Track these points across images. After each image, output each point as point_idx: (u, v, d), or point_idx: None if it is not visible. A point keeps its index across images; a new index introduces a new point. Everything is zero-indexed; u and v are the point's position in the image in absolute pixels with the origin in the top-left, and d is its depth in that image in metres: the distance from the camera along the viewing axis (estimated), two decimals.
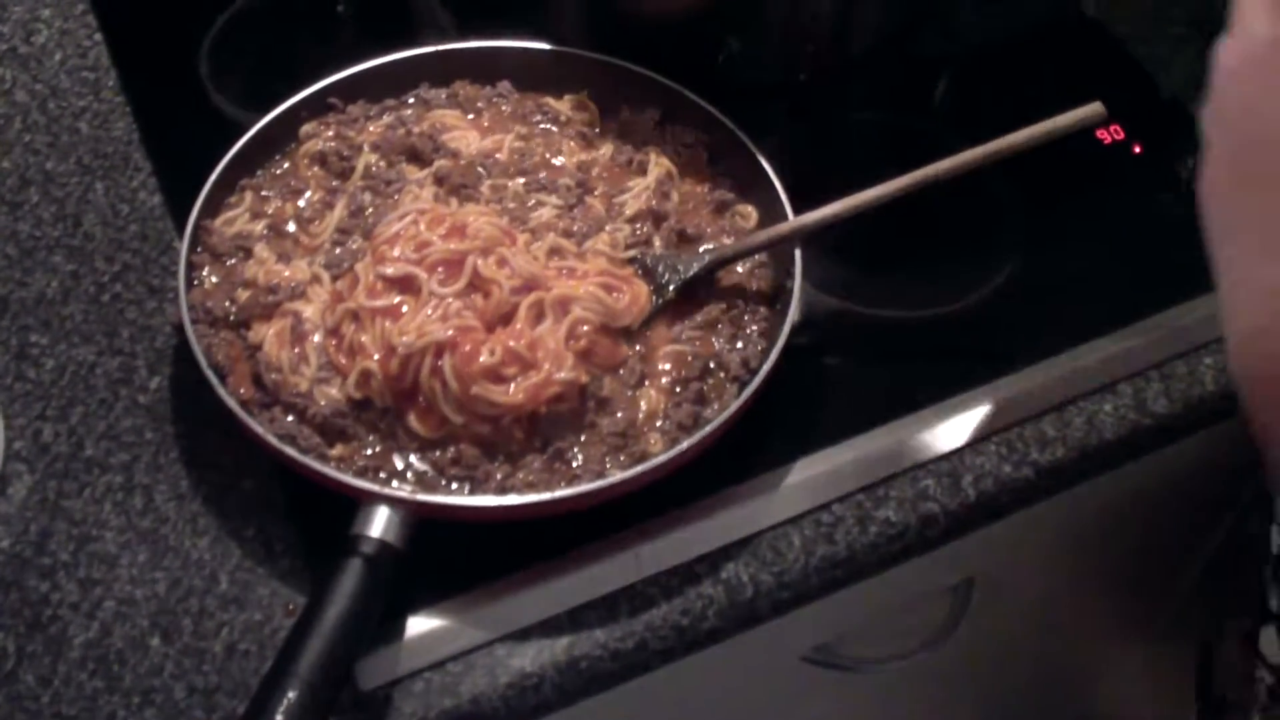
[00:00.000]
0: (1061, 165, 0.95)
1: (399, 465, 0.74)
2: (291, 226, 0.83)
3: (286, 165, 0.87)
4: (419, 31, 1.01)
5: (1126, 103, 1.00)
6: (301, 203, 0.84)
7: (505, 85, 0.91)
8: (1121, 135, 0.98)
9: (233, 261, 0.81)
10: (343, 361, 0.76)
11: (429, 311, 0.75)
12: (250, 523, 0.76)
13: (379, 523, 0.69)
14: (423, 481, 0.73)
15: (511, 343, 0.74)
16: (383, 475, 0.73)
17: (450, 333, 0.73)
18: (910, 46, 1.04)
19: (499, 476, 0.73)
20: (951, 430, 0.82)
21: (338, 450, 0.74)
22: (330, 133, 0.87)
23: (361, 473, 0.73)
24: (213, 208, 0.83)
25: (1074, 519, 0.94)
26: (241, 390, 0.75)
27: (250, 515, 0.76)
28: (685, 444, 0.72)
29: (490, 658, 0.72)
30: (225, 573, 0.74)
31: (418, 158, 0.87)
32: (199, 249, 0.81)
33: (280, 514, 0.76)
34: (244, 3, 1.03)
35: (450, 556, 0.73)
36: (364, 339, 0.75)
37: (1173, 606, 1.22)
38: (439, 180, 0.85)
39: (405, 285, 0.76)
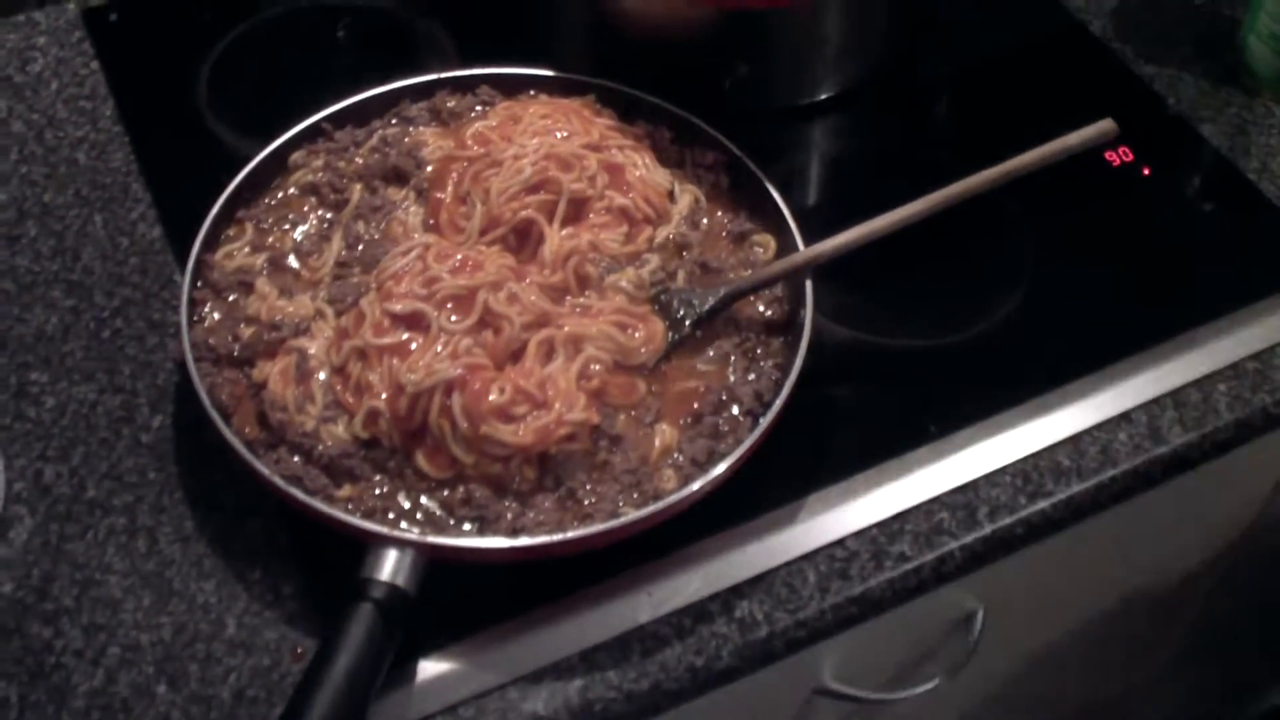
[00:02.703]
0: (1071, 188, 0.94)
1: (407, 505, 0.73)
2: (292, 260, 0.82)
3: (280, 195, 0.86)
4: (420, 58, 1.00)
5: (1134, 123, 0.99)
6: (298, 235, 0.83)
7: (485, 90, 0.90)
8: (1130, 157, 0.97)
9: (234, 297, 0.80)
10: (350, 400, 0.74)
11: (438, 349, 0.73)
12: (256, 565, 0.75)
13: (388, 566, 0.68)
14: (432, 522, 0.72)
15: (522, 381, 0.73)
16: (391, 516, 0.72)
17: (459, 371, 0.72)
18: (912, 68, 1.03)
19: (509, 516, 0.72)
20: (965, 462, 0.81)
21: (345, 491, 0.73)
22: (319, 162, 0.86)
23: (369, 514, 0.71)
24: (212, 241, 0.82)
25: (1088, 547, 0.93)
26: (246, 430, 0.74)
27: (256, 557, 0.75)
28: (699, 483, 0.71)
29: (503, 701, 0.71)
30: (232, 617, 0.73)
31: (401, 177, 0.86)
32: (200, 284, 0.80)
33: (287, 556, 0.75)
34: (242, 29, 1.02)
35: (461, 598, 0.72)
36: (371, 377, 0.74)
37: (1183, 636, 1.21)
38: (419, 194, 0.84)
39: (413, 322, 0.75)
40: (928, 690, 0.94)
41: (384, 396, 0.73)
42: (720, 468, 0.72)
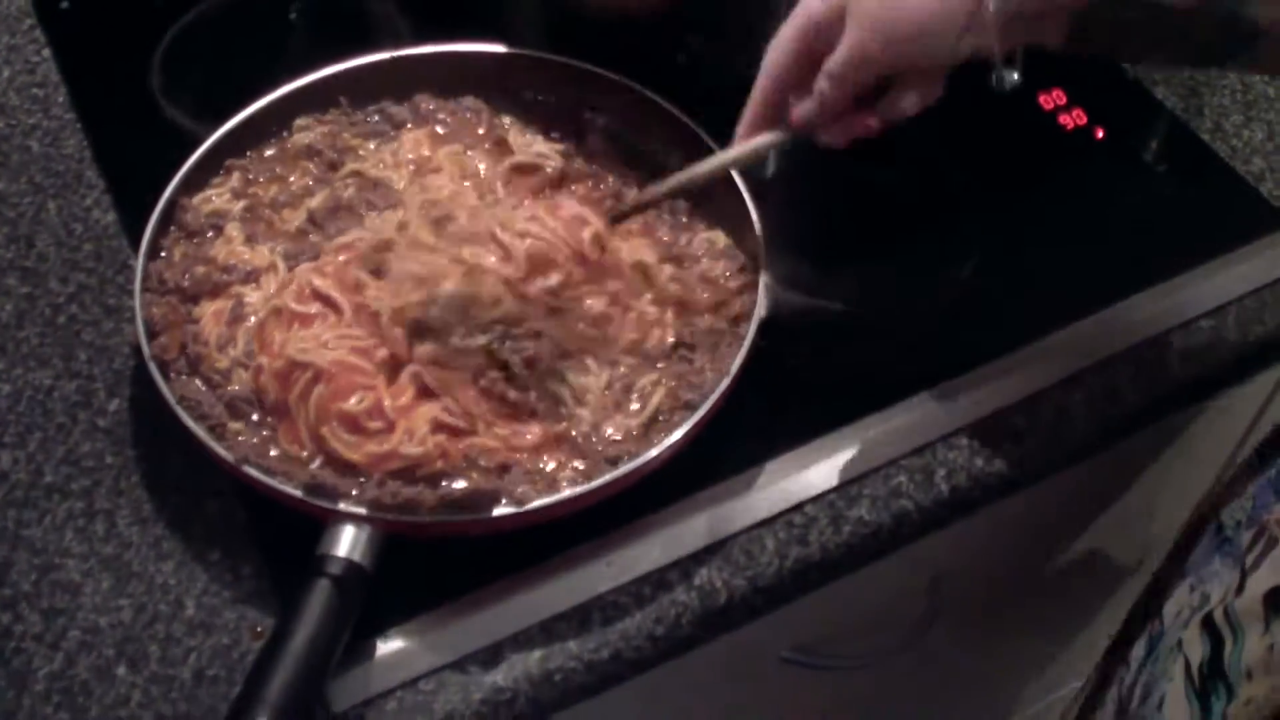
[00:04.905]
0: (1025, 153, 0.95)
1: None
2: (268, 210, 0.83)
3: (273, 151, 0.86)
4: (374, 37, 0.99)
5: (1089, 87, 1.00)
6: (282, 187, 0.84)
7: (470, 100, 0.90)
8: (1084, 120, 0.97)
9: (199, 239, 0.81)
10: (258, 352, 0.75)
11: (337, 332, 0.74)
12: (215, 545, 0.75)
13: (345, 542, 0.68)
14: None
15: (387, 401, 0.72)
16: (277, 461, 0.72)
17: (330, 362, 0.73)
18: None
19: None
20: (922, 426, 0.81)
21: (235, 426, 0.73)
22: (324, 129, 0.87)
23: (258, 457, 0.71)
24: (195, 187, 0.83)
25: (1046, 507, 0.94)
26: (166, 352, 0.75)
27: (215, 537, 0.75)
28: (655, 451, 0.72)
29: (463, 674, 0.71)
30: (191, 597, 0.73)
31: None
32: (172, 227, 0.81)
33: (246, 535, 0.75)
34: (194, 14, 1.01)
35: (419, 572, 0.72)
36: (277, 335, 0.75)
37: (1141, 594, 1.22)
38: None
39: (329, 303, 0.76)
40: (891, 655, 0.94)
41: (274, 355, 0.74)
42: (676, 434, 0.72)
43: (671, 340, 0.79)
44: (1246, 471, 0.83)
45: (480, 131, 0.89)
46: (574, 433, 0.74)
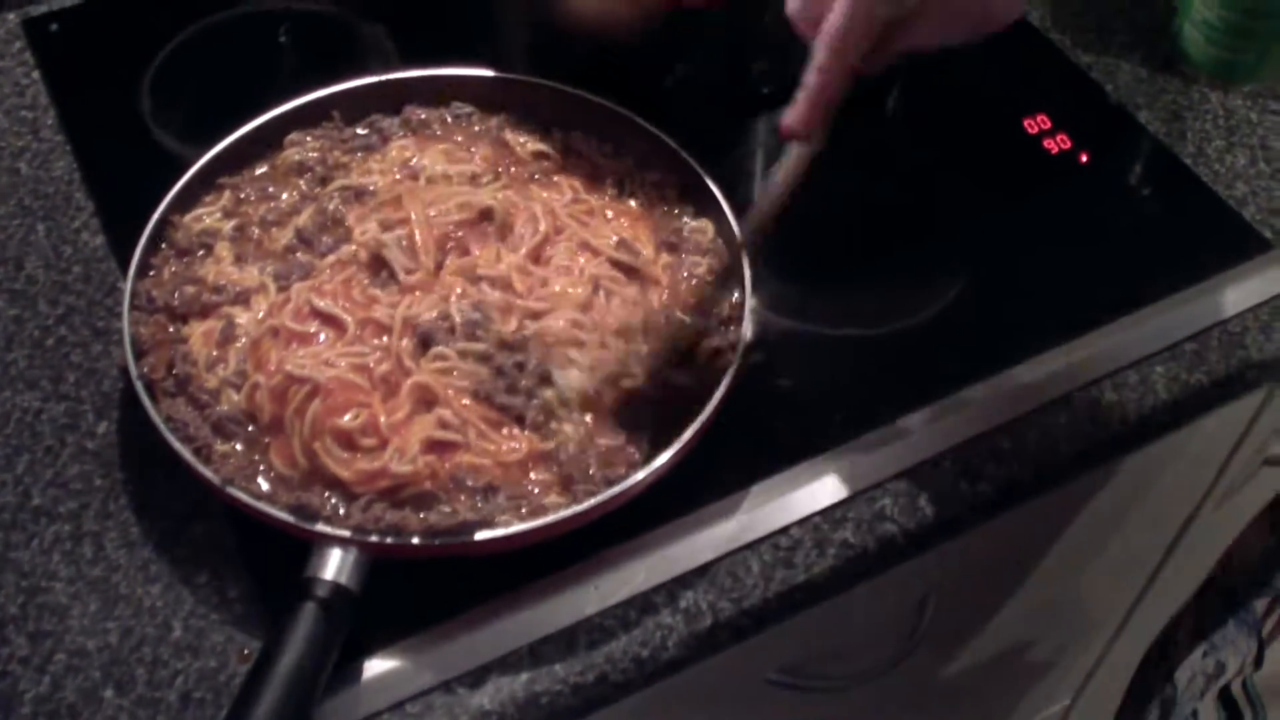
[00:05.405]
0: (1009, 177, 0.95)
1: (266, 486, 0.73)
2: (256, 229, 0.83)
3: (265, 169, 0.87)
4: (363, 61, 1.00)
5: (1072, 111, 1.00)
6: (272, 206, 0.84)
7: (457, 105, 0.91)
8: (1068, 144, 0.98)
9: (189, 258, 0.81)
10: (251, 371, 0.75)
11: (335, 350, 0.74)
12: (202, 568, 0.75)
13: (332, 565, 0.68)
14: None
15: (382, 418, 0.72)
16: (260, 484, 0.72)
17: (327, 378, 0.73)
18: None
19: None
20: (906, 449, 0.81)
21: (223, 447, 0.73)
22: (315, 144, 0.87)
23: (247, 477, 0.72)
24: (187, 205, 0.83)
25: (1031, 530, 0.94)
26: (154, 372, 0.75)
27: (202, 560, 0.75)
28: (644, 472, 0.72)
29: (450, 697, 0.71)
30: (178, 620, 0.73)
31: None
32: (163, 244, 0.81)
33: (233, 558, 0.75)
34: (183, 37, 1.01)
35: (406, 594, 0.73)
36: (273, 355, 0.75)
37: (1124, 618, 1.23)
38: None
39: (330, 321, 0.76)
40: (877, 676, 0.95)
41: (271, 373, 0.74)
42: (660, 461, 0.72)
43: (661, 324, 0.79)
44: (1259, 529, 0.83)
45: (476, 129, 0.89)
46: (561, 454, 0.74)
